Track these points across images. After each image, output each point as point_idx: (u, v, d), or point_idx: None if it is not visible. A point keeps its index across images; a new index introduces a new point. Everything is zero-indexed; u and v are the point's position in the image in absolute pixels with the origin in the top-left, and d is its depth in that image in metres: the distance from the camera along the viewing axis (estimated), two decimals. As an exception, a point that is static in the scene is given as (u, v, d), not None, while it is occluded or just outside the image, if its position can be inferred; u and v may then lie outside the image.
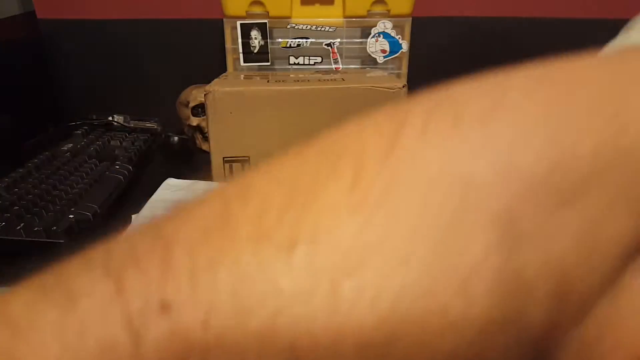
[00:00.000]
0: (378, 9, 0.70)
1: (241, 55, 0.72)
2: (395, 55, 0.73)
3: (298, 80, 0.55)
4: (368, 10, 0.70)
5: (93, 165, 0.66)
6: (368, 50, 0.72)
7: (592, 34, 0.93)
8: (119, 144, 0.77)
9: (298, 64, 0.73)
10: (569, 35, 0.92)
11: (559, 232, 0.10)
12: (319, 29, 0.71)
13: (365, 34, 0.72)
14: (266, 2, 0.69)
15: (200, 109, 0.78)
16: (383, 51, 0.72)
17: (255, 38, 0.71)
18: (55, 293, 0.11)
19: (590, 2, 0.90)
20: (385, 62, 0.73)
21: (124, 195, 0.61)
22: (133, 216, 0.51)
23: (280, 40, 0.72)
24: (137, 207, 0.54)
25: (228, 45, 0.72)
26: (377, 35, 0.71)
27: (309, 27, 0.71)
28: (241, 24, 0.70)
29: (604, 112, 0.10)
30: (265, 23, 0.70)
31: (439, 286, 0.10)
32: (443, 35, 0.91)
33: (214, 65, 0.85)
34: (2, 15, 0.79)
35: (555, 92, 0.11)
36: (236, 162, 0.54)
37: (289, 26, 0.71)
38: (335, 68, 0.73)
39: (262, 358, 0.10)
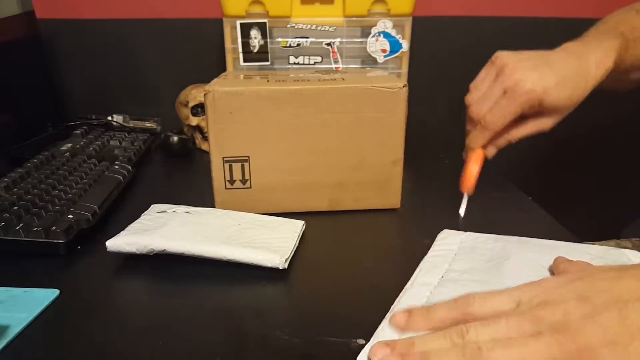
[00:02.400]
0: (378, 8, 0.70)
1: (241, 55, 0.72)
2: (396, 54, 0.73)
3: (298, 80, 0.55)
4: (368, 10, 0.70)
5: (92, 165, 0.65)
6: (368, 50, 0.72)
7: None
8: (118, 143, 0.77)
9: (298, 63, 0.73)
10: (569, 35, 0.91)
11: None
12: (319, 28, 0.71)
13: (366, 33, 0.72)
14: (266, 2, 0.69)
15: (199, 109, 0.78)
16: (383, 51, 0.72)
17: (255, 37, 0.71)
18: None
19: (589, 2, 0.90)
20: (385, 62, 0.73)
21: (124, 195, 0.61)
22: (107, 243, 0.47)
23: (280, 39, 0.72)
24: (137, 207, 0.54)
25: (228, 44, 0.72)
26: (377, 34, 0.71)
27: (309, 26, 0.71)
28: (241, 24, 0.70)
29: None
30: (265, 22, 0.70)
31: None
32: (443, 35, 0.91)
33: (213, 65, 0.85)
34: (2, 15, 0.79)
35: None
36: (236, 162, 0.54)
37: (288, 26, 0.71)
38: (336, 68, 0.73)
39: None
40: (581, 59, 0.49)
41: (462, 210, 0.55)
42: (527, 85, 0.47)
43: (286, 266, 0.45)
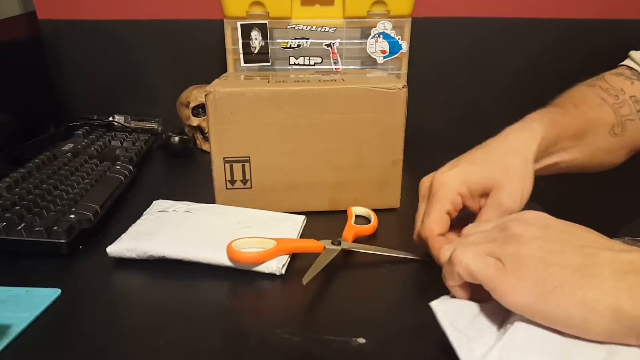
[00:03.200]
0: (378, 9, 0.70)
1: (241, 56, 0.72)
2: (395, 55, 0.73)
3: (298, 81, 0.55)
4: (368, 11, 0.70)
5: (94, 166, 0.66)
6: (368, 51, 0.73)
7: (591, 34, 0.93)
8: (119, 144, 0.77)
9: (298, 64, 0.73)
10: (568, 36, 0.92)
11: None
12: (319, 29, 0.71)
13: (365, 34, 0.72)
14: (266, 3, 0.69)
15: (200, 109, 0.78)
16: (383, 52, 0.73)
17: (256, 39, 0.71)
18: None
19: (588, 3, 0.90)
20: (385, 63, 0.73)
21: (125, 196, 0.62)
22: (108, 249, 0.47)
23: (280, 40, 0.72)
24: (138, 207, 0.55)
25: (228, 45, 0.72)
26: (377, 35, 0.72)
27: (309, 27, 0.71)
28: (241, 25, 0.70)
29: None
30: (266, 24, 0.70)
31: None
32: (443, 36, 0.91)
33: (214, 66, 0.85)
34: (3, 15, 0.79)
35: None
36: (236, 162, 0.54)
37: (289, 27, 0.71)
38: (335, 68, 0.73)
39: None
40: (499, 141, 0.47)
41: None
42: (444, 181, 0.44)
43: (283, 272, 0.45)
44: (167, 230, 0.48)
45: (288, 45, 0.72)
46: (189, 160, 0.77)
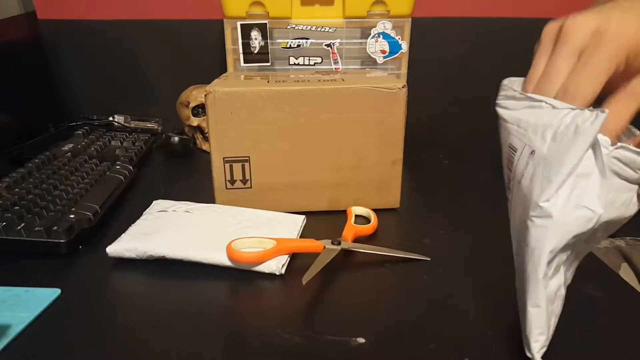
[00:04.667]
0: (378, 9, 0.70)
1: (241, 56, 0.72)
2: (395, 55, 0.73)
3: (298, 81, 0.55)
4: (368, 11, 0.70)
5: (94, 166, 0.66)
6: (368, 51, 0.73)
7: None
8: (119, 144, 0.77)
9: (298, 64, 0.73)
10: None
11: None
12: (319, 29, 0.71)
13: (365, 34, 0.72)
14: (266, 3, 0.69)
15: (200, 109, 0.78)
16: (383, 51, 0.73)
17: (256, 39, 0.71)
18: None
19: (590, 3, 0.90)
20: (385, 63, 0.73)
21: (125, 195, 0.62)
22: (107, 249, 0.47)
23: (280, 40, 0.72)
24: (138, 207, 0.55)
25: (228, 45, 0.72)
26: (376, 35, 0.72)
27: (309, 27, 0.71)
28: (241, 25, 0.70)
29: None
30: (266, 24, 0.70)
31: None
32: (443, 36, 0.91)
33: (214, 66, 0.85)
34: (3, 15, 0.79)
35: None
36: (236, 162, 0.54)
37: (289, 27, 0.71)
38: (335, 68, 0.73)
39: None
40: None
41: None
42: (612, 27, 0.31)
43: (283, 272, 0.45)
44: (167, 231, 0.48)
45: (288, 45, 0.72)
46: (189, 160, 0.77)
